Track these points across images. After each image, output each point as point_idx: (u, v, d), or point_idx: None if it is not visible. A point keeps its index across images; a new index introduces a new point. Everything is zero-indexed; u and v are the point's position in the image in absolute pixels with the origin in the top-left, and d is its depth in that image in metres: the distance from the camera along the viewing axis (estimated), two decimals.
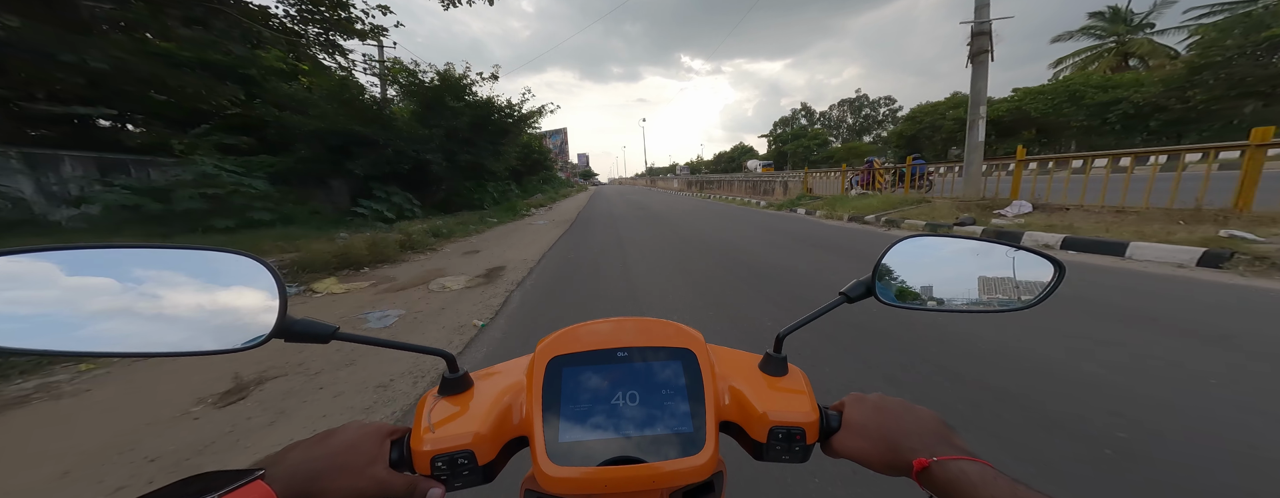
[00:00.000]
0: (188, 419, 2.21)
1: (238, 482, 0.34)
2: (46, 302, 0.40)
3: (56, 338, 0.39)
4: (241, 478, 0.34)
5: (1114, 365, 2.34)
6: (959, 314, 0.58)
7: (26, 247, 0.39)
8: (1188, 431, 1.76)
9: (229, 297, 0.44)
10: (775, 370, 0.53)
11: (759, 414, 0.47)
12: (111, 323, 0.41)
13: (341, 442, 0.42)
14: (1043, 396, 2.08)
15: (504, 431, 0.47)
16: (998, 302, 0.58)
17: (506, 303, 4.29)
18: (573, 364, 0.48)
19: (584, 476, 0.42)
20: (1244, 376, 2.17)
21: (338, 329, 0.45)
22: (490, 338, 3.35)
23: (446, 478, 0.44)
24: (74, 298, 0.40)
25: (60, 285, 0.40)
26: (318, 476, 0.39)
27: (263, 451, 1.96)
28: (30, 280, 0.40)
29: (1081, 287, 3.82)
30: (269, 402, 2.37)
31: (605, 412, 0.45)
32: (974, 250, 0.59)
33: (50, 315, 0.39)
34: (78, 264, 0.41)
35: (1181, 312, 3.13)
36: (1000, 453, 1.70)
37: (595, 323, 0.53)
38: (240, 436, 2.06)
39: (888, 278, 0.57)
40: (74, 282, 0.40)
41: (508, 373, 0.53)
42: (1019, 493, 0.35)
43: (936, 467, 0.39)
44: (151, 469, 1.83)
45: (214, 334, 0.43)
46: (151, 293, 0.42)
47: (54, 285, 0.40)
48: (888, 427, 0.45)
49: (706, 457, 0.43)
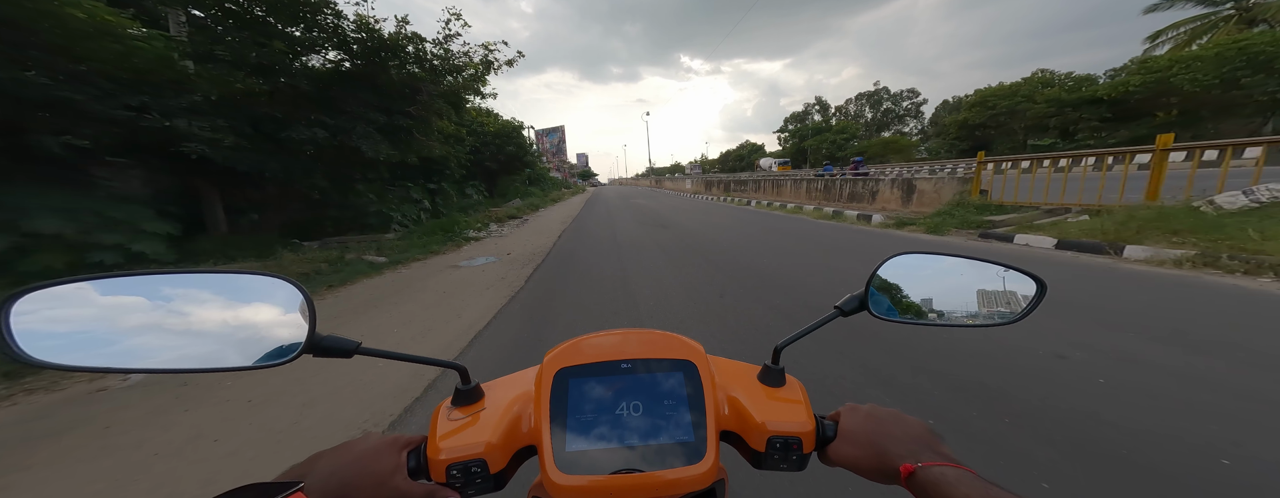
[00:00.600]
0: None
1: (280, 495, 0.36)
2: (85, 320, 0.42)
3: (94, 354, 0.41)
4: (283, 490, 0.36)
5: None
6: (947, 329, 0.61)
7: (70, 277, 0.42)
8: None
9: (265, 315, 0.47)
10: (773, 381, 0.55)
11: (758, 424, 0.49)
12: (147, 339, 0.43)
13: (364, 452, 0.45)
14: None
15: (514, 440, 0.49)
16: (983, 316, 0.60)
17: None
18: (578, 375, 0.50)
19: (591, 484, 0.44)
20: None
21: (360, 344, 0.48)
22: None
23: (460, 486, 0.46)
24: (110, 316, 0.43)
25: (97, 305, 0.42)
26: (350, 484, 0.42)
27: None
28: (71, 300, 0.42)
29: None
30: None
31: (610, 422, 0.47)
32: (960, 267, 0.62)
33: (88, 334, 0.42)
34: (116, 289, 0.43)
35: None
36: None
37: (599, 335, 0.55)
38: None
39: (880, 293, 0.60)
40: (110, 301, 0.43)
41: (516, 384, 0.55)
42: (991, 494, 0.37)
43: (921, 472, 0.41)
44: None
45: (250, 351, 0.46)
46: (187, 313, 0.45)
47: (91, 305, 0.42)
48: (879, 435, 0.47)
49: (707, 466, 0.45)
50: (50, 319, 0.41)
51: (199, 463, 1.93)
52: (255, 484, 0.37)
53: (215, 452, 2.01)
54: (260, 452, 2.01)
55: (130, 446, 2.06)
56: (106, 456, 1.99)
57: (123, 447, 2.05)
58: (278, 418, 2.28)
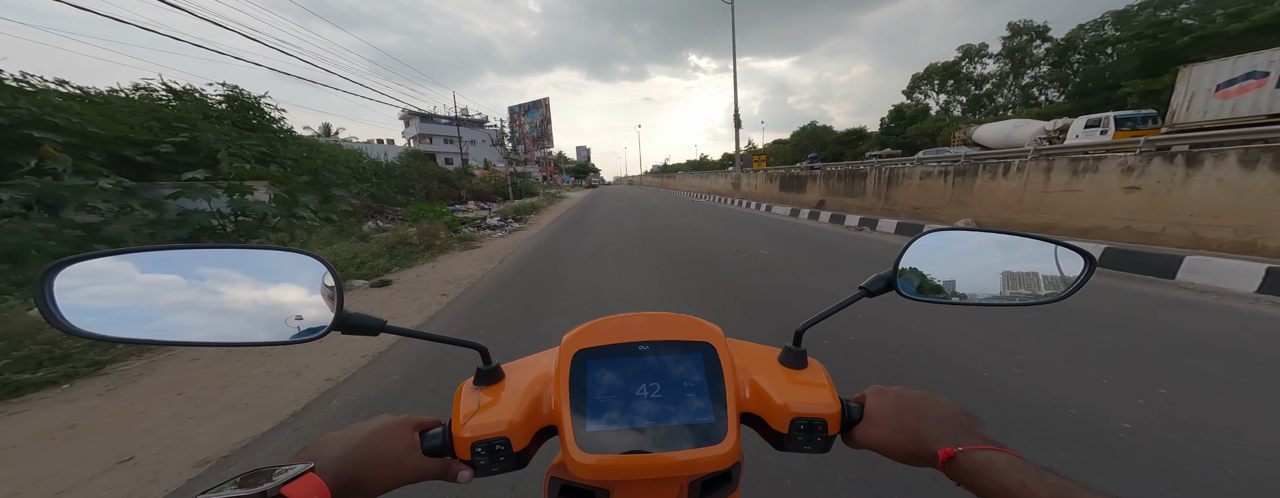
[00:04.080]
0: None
1: (292, 476, 0.36)
2: (125, 296, 0.44)
3: (134, 328, 0.43)
4: (294, 471, 0.37)
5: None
6: (982, 307, 0.58)
7: (107, 249, 0.44)
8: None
9: (294, 292, 0.48)
10: (795, 363, 0.54)
11: (780, 406, 0.48)
12: (182, 315, 0.45)
13: (377, 431, 0.46)
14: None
15: (535, 420, 0.49)
16: (1022, 295, 0.57)
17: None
18: (597, 357, 0.50)
19: (612, 463, 0.44)
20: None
21: (386, 322, 0.49)
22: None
23: (484, 463, 0.47)
24: (148, 292, 0.45)
25: (136, 282, 0.44)
26: (364, 463, 0.42)
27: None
28: (111, 276, 0.44)
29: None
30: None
31: (630, 403, 0.47)
32: (999, 243, 0.59)
33: (129, 309, 0.44)
34: (152, 264, 0.45)
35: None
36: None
37: (617, 318, 0.54)
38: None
39: (910, 272, 0.57)
40: (148, 278, 0.45)
41: (536, 365, 0.55)
42: (1047, 480, 0.35)
43: (963, 456, 0.40)
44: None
45: (282, 327, 0.47)
46: (219, 289, 0.46)
47: (130, 282, 0.44)
48: (911, 418, 0.46)
49: (728, 447, 0.45)
50: (92, 294, 0.42)
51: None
52: (265, 468, 0.37)
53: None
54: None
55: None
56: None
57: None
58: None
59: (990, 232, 0.59)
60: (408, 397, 2.51)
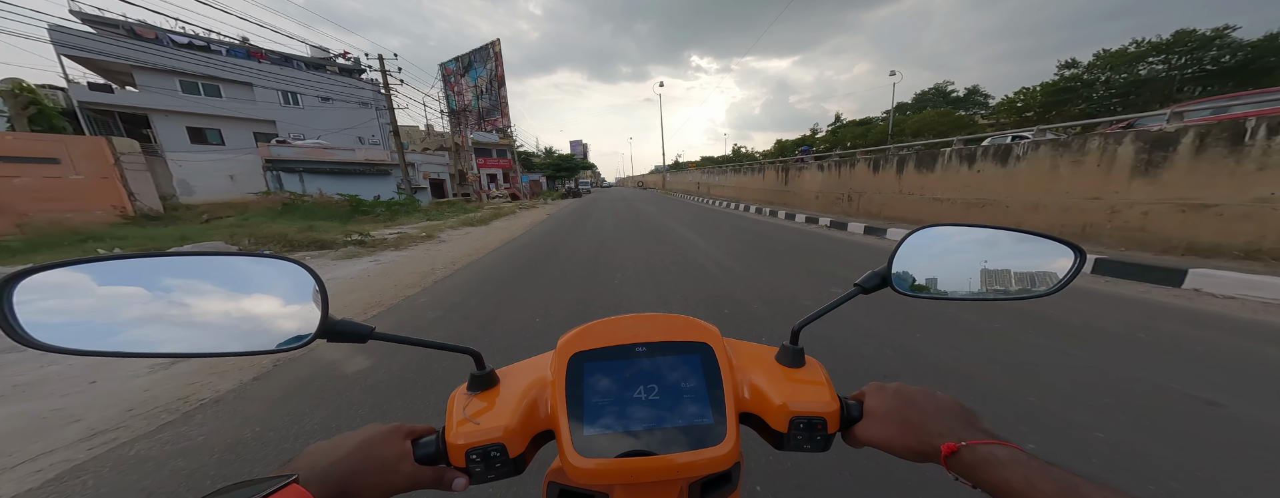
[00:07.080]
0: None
1: (273, 488, 0.34)
2: (84, 310, 0.41)
3: (99, 341, 0.40)
4: (275, 484, 0.35)
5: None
6: (977, 302, 0.58)
7: (63, 261, 0.40)
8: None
9: (271, 301, 0.46)
10: (792, 362, 0.53)
11: (779, 405, 0.48)
12: (150, 330, 0.42)
13: (367, 440, 0.44)
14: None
15: (532, 425, 0.48)
16: (1015, 290, 0.58)
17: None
18: (593, 360, 0.49)
19: (610, 467, 0.43)
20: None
21: (374, 330, 0.47)
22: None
23: (480, 471, 0.46)
24: (109, 306, 0.42)
25: (95, 294, 0.41)
26: (354, 473, 0.41)
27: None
28: (69, 289, 0.41)
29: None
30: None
31: (627, 405, 0.47)
32: (990, 239, 0.59)
33: (89, 323, 0.41)
34: (111, 275, 0.42)
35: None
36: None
37: (613, 320, 0.54)
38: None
39: (904, 268, 0.57)
40: (107, 291, 0.41)
41: (532, 369, 0.54)
42: (1052, 474, 0.35)
43: (966, 451, 0.40)
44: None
45: (259, 338, 0.45)
46: (185, 301, 0.43)
47: (90, 295, 0.41)
48: (912, 414, 0.46)
49: (728, 447, 0.45)
50: (50, 309, 0.40)
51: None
52: (247, 481, 0.36)
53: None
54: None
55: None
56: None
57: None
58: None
59: (979, 227, 0.59)
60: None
